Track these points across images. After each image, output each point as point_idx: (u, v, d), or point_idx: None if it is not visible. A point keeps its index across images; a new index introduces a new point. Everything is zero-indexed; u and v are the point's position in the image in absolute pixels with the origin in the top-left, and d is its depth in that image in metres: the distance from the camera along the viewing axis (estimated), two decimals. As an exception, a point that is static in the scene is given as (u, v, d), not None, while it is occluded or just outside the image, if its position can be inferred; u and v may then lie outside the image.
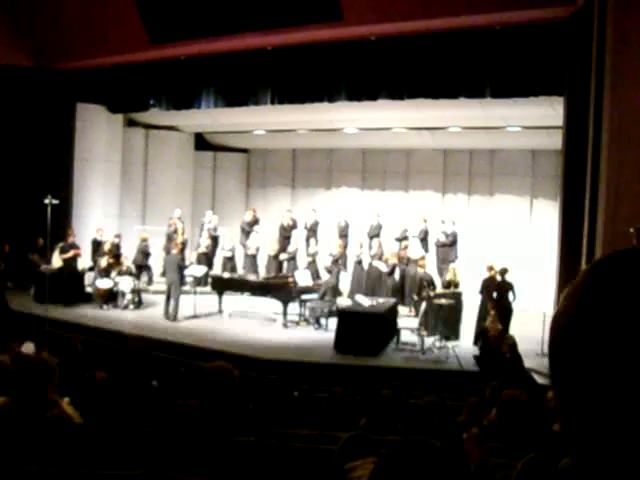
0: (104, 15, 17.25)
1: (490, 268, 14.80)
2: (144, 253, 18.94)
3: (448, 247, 18.34)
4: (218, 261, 20.09)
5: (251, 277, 17.69)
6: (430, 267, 17.93)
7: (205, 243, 19.53)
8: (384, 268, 17.03)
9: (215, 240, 20.18)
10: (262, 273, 18.75)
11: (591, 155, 11.13)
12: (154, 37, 16.96)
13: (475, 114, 16.76)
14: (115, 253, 18.18)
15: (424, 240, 18.83)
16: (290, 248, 19.22)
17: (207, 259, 19.59)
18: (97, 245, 18.63)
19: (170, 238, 19.39)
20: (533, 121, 17.17)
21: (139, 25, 16.86)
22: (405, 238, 18.84)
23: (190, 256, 19.14)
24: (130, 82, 19.02)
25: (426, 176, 21.32)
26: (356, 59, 15.62)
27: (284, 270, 18.93)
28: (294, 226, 20.48)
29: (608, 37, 10.60)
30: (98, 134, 20.29)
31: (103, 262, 17.45)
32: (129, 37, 17.15)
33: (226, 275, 18.14)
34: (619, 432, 0.87)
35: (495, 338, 13.03)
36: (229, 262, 19.50)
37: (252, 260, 19.35)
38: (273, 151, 24.20)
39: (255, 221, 20.63)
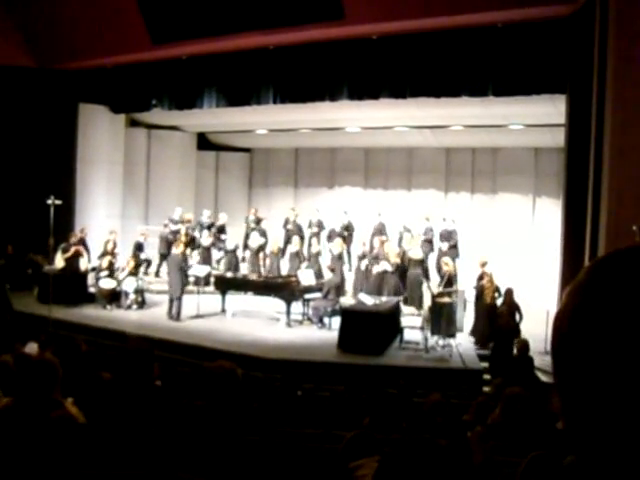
0: (106, 15, 17.25)
1: (445, 263, 15.22)
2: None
3: (450, 246, 18.29)
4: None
5: (254, 276, 17.70)
6: (430, 266, 17.94)
7: (207, 242, 19.52)
8: (388, 267, 17.01)
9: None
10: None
11: (594, 153, 11.13)
12: (156, 37, 16.97)
13: (477, 112, 16.75)
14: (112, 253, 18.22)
15: (430, 240, 18.76)
16: (292, 248, 19.20)
17: (209, 257, 19.58)
18: (84, 245, 18.52)
19: (166, 240, 19.45)
20: (535, 119, 17.15)
21: (141, 25, 16.86)
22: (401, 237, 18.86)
23: (191, 255, 19.07)
24: (132, 82, 19.03)
25: (429, 175, 21.31)
26: (358, 58, 15.61)
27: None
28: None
29: (610, 34, 10.59)
30: (100, 134, 20.31)
31: (104, 262, 17.46)
32: (131, 37, 17.15)
33: (229, 274, 18.15)
34: (622, 429, 0.87)
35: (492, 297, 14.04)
36: (232, 261, 19.46)
37: (255, 259, 19.37)
38: (275, 150, 24.21)
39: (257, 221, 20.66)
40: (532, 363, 11.49)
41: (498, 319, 13.25)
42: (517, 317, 13.39)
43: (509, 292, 13.66)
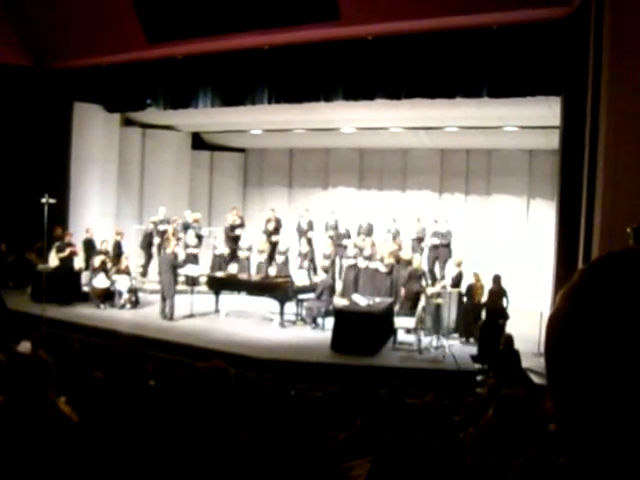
0: (101, 14, 17.22)
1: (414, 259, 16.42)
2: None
3: (442, 247, 18.30)
4: (206, 261, 19.93)
5: (247, 276, 17.68)
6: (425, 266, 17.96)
7: (193, 242, 19.48)
8: (382, 268, 17.02)
9: (200, 239, 20.05)
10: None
11: (588, 155, 11.15)
12: (151, 36, 16.95)
13: (472, 114, 16.76)
14: (117, 252, 18.25)
15: (421, 240, 18.76)
16: (281, 247, 19.17)
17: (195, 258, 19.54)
18: (90, 245, 18.65)
19: (148, 237, 19.63)
20: (530, 121, 17.17)
21: (136, 24, 16.84)
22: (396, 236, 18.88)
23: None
24: (127, 81, 18.99)
25: (423, 176, 21.31)
26: (353, 59, 15.61)
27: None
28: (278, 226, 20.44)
29: (605, 36, 10.62)
30: (95, 133, 20.27)
31: (97, 261, 17.44)
32: (126, 36, 17.13)
33: (222, 274, 18.11)
34: (616, 431, 0.87)
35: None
36: (222, 262, 19.40)
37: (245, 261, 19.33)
38: (270, 150, 24.19)
39: (240, 224, 20.49)
40: (518, 356, 11.88)
41: (487, 299, 14.10)
42: (504, 302, 13.99)
43: (497, 278, 14.20)
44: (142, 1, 16.60)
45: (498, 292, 13.98)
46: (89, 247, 18.57)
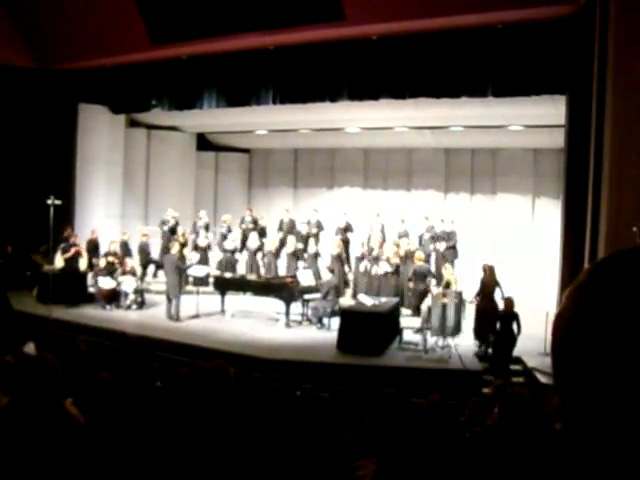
0: (105, 16, 17.24)
1: (445, 269, 16.34)
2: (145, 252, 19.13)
3: (448, 247, 18.28)
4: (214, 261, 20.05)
5: (253, 277, 17.69)
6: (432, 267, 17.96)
7: (204, 242, 19.58)
8: (388, 268, 17.01)
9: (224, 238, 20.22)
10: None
11: (593, 153, 11.13)
12: (155, 37, 16.97)
13: (477, 113, 16.75)
14: (122, 252, 18.29)
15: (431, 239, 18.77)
16: (288, 248, 19.18)
17: (207, 258, 19.61)
18: (94, 247, 18.71)
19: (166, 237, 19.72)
20: (535, 120, 17.15)
21: (140, 25, 16.86)
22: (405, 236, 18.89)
23: (190, 256, 19.02)
24: (132, 82, 19.02)
25: (428, 175, 21.30)
26: (358, 58, 15.61)
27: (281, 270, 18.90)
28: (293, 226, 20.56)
29: (610, 35, 10.60)
30: (100, 135, 20.31)
31: (102, 262, 17.47)
32: (130, 37, 17.15)
33: (228, 275, 18.13)
34: (621, 431, 0.87)
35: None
36: (230, 262, 19.46)
37: (253, 259, 19.40)
38: (275, 151, 24.21)
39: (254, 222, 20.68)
40: (517, 318, 12.75)
41: (482, 284, 14.50)
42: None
43: (491, 269, 14.54)
44: (146, 2, 16.62)
45: (491, 275, 14.38)
46: (93, 249, 18.60)
